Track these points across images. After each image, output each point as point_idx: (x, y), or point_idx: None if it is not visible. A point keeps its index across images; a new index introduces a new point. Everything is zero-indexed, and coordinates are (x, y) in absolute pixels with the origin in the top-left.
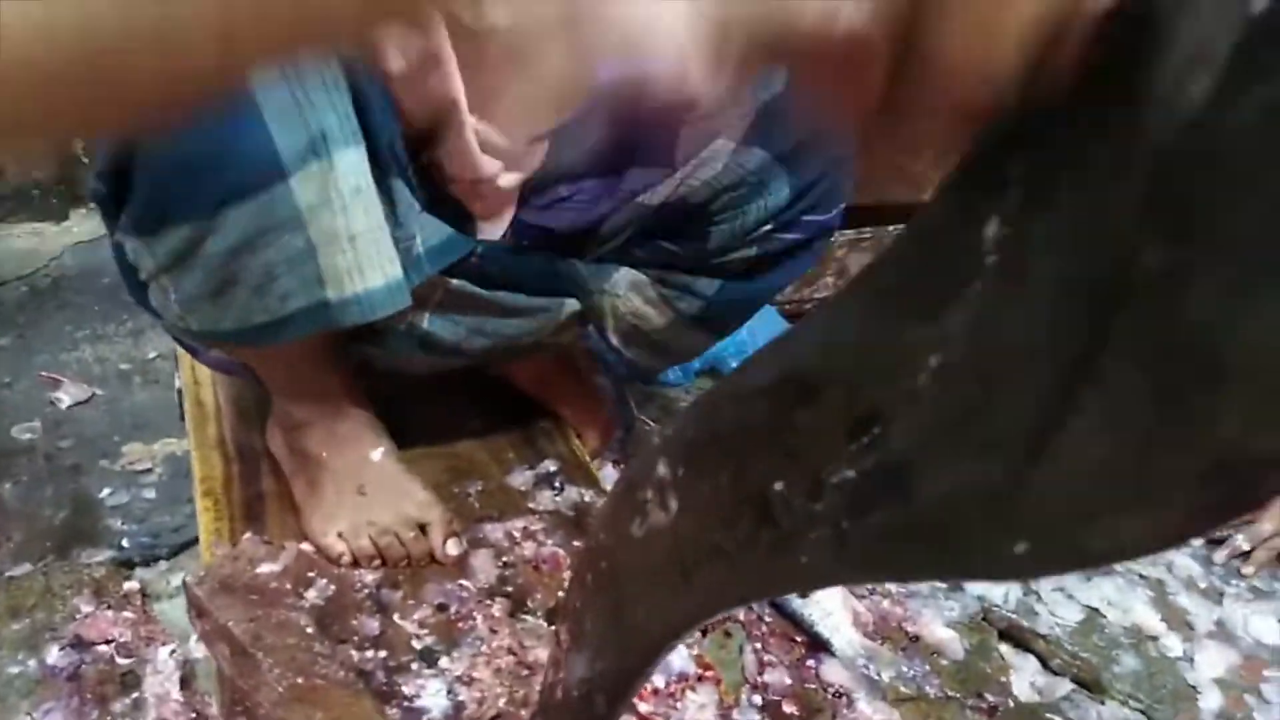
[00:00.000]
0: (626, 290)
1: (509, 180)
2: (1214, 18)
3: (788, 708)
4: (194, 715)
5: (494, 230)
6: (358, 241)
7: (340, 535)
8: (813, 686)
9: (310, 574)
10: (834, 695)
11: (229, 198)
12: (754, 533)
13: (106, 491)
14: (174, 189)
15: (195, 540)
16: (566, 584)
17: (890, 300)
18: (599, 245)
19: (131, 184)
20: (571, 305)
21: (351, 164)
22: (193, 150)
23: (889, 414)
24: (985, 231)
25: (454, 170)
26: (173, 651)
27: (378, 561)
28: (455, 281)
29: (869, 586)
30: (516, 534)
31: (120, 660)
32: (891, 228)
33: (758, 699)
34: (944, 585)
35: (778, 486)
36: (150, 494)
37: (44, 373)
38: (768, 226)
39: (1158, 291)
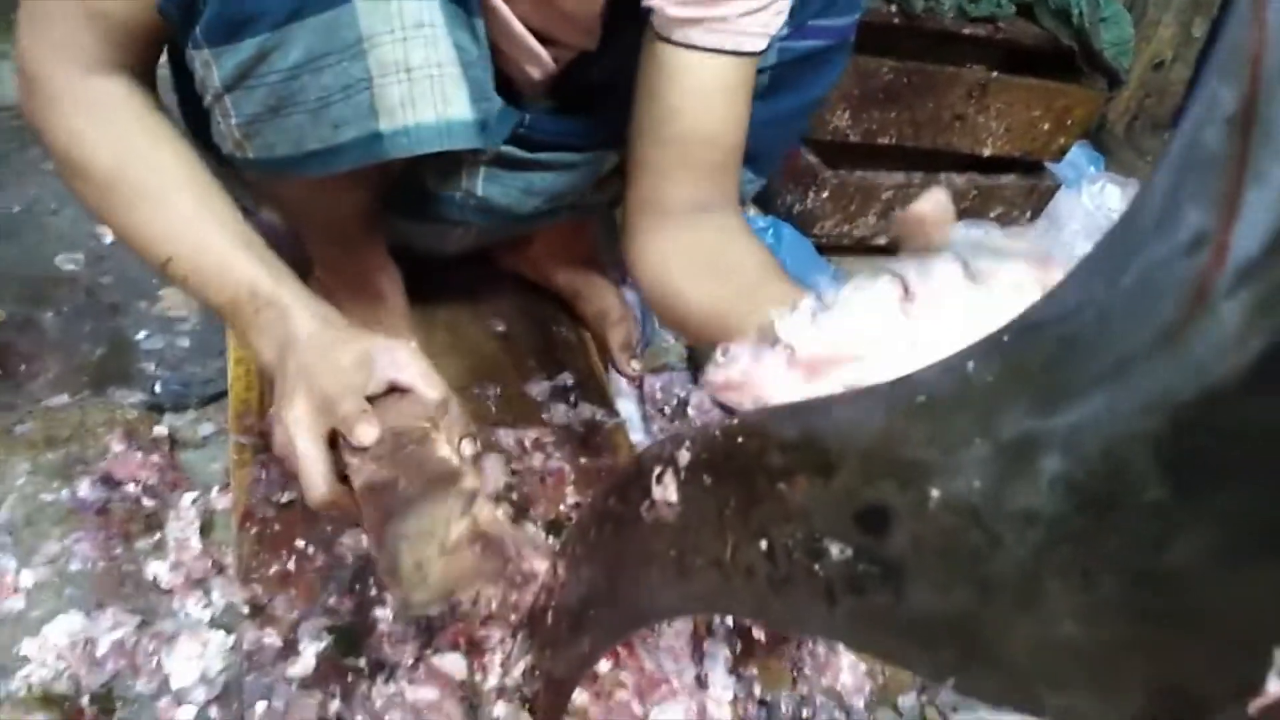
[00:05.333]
0: None
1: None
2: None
3: (756, 633)
4: (211, 562)
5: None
6: (414, 74)
7: None
8: None
9: None
10: None
11: (298, 11)
12: (753, 564)
13: (143, 334)
14: None
15: (224, 393)
16: (567, 498)
17: (915, 417)
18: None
19: None
20: (613, 159)
21: (416, 2)
22: None
23: (898, 516)
24: (1002, 408)
25: (504, 46)
26: (195, 500)
27: None
28: (505, 147)
29: None
30: (527, 443)
31: (146, 501)
32: (943, 175)
33: (729, 622)
34: None
35: (782, 533)
36: (185, 342)
37: None
38: (781, 33)
39: (1150, 526)
